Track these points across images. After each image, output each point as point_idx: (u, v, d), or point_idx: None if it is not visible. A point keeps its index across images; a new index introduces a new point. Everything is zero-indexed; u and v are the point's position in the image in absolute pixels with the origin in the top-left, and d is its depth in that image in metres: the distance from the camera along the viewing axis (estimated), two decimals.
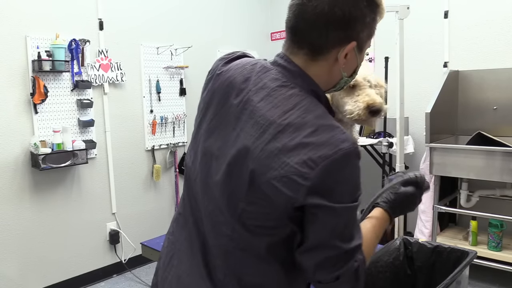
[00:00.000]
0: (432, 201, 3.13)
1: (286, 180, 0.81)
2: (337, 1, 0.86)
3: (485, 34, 3.27)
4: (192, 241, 0.97)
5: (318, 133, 0.82)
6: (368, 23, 0.92)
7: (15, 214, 2.89)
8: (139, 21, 3.48)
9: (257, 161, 0.83)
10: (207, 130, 0.96)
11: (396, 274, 1.44)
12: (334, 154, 0.80)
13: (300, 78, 0.91)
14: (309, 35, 0.90)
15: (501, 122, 3.20)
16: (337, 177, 0.81)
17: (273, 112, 0.86)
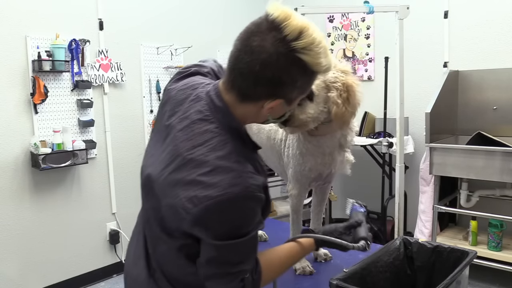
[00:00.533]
0: (432, 201, 3.13)
1: (174, 210, 0.92)
2: (269, 64, 0.90)
3: (485, 34, 3.27)
4: (139, 233, 1.13)
5: (212, 174, 0.89)
6: (299, 86, 0.96)
7: (15, 214, 2.89)
8: (139, 21, 3.48)
9: (160, 186, 0.97)
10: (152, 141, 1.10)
11: (396, 274, 1.44)
12: (218, 197, 0.87)
13: (221, 114, 0.97)
14: (239, 82, 0.95)
15: (501, 122, 3.20)
16: (217, 218, 0.89)
17: (185, 144, 0.94)
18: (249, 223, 0.93)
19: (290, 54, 0.90)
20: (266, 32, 0.91)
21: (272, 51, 0.89)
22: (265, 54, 0.90)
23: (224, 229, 0.90)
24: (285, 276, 1.63)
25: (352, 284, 1.20)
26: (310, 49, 0.90)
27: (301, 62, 0.91)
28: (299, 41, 0.89)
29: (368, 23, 3.92)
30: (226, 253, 0.92)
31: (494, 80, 3.22)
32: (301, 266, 1.65)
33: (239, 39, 0.95)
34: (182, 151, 0.94)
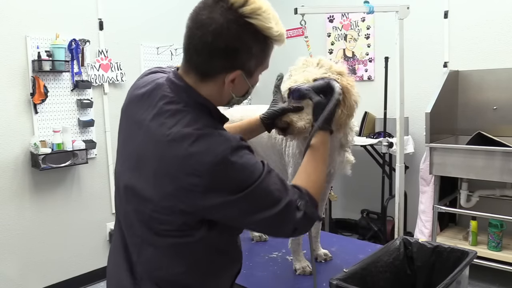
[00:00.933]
0: (432, 201, 3.13)
1: (180, 193, 0.92)
2: (220, 33, 0.92)
3: (485, 34, 3.27)
4: (119, 239, 1.10)
5: (198, 143, 0.91)
6: (255, 53, 0.96)
7: (15, 214, 2.89)
8: (139, 21, 3.48)
9: (156, 177, 0.94)
10: (120, 142, 1.10)
11: (396, 274, 1.44)
12: (215, 158, 0.89)
13: (185, 93, 0.98)
14: (195, 60, 0.97)
15: (501, 122, 3.20)
16: (225, 176, 0.91)
17: (160, 130, 0.95)
18: (254, 166, 0.94)
19: (239, 20, 0.92)
20: (213, 4, 0.93)
21: (221, 20, 0.92)
22: (215, 24, 0.92)
23: (238, 180, 0.92)
24: (285, 276, 1.64)
25: (352, 284, 1.20)
26: (258, 13, 0.93)
27: (252, 27, 0.93)
28: (246, 6, 0.92)
29: (368, 23, 3.92)
30: (257, 198, 0.94)
31: (494, 80, 3.22)
32: (301, 266, 1.65)
33: (189, 18, 0.98)
34: (160, 137, 0.94)
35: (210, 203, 0.92)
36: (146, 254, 1.02)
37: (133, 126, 1.03)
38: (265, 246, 1.97)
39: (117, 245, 1.11)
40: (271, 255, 1.85)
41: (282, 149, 1.65)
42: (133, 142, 1.02)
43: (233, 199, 0.92)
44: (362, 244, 2.07)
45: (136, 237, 1.03)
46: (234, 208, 0.93)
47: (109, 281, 1.15)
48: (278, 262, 1.79)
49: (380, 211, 3.66)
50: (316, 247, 1.79)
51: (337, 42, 4.14)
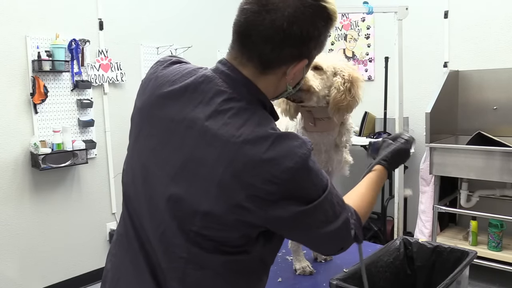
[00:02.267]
0: (432, 201, 3.13)
1: (254, 200, 0.80)
2: (296, 18, 0.83)
3: (485, 34, 3.27)
4: (139, 264, 0.92)
5: (274, 146, 0.80)
6: (321, 40, 0.91)
7: (15, 214, 2.89)
8: (139, 21, 3.48)
9: (221, 185, 0.81)
10: (146, 146, 0.91)
11: (396, 274, 1.44)
12: (296, 164, 0.80)
13: (245, 88, 0.88)
14: (261, 49, 0.86)
15: (501, 122, 3.20)
16: (302, 183, 0.82)
17: (226, 130, 0.82)
18: (323, 173, 0.87)
19: (315, 3, 0.85)
20: None
21: (298, 4, 0.83)
22: (291, 8, 0.83)
23: (313, 189, 0.84)
24: (285, 276, 1.64)
25: (352, 284, 1.20)
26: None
27: (325, 11, 0.88)
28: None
29: (368, 23, 3.92)
30: (323, 211, 0.85)
31: (494, 80, 3.22)
32: (301, 266, 1.65)
33: (251, 1, 0.86)
34: (228, 137, 0.81)
35: (280, 214, 0.82)
36: (193, 277, 0.87)
37: (174, 127, 0.87)
38: None
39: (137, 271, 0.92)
40: None
41: None
42: (175, 146, 0.86)
43: (304, 210, 0.82)
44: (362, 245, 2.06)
45: (178, 260, 0.86)
46: (302, 219, 0.84)
47: None
48: (278, 262, 1.78)
49: (380, 211, 3.66)
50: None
51: (337, 42, 4.14)
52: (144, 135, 0.93)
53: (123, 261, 0.96)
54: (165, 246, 0.87)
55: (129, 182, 0.96)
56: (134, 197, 0.94)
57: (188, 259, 0.86)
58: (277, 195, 0.80)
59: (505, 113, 3.18)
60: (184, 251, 0.85)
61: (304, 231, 0.87)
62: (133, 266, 0.93)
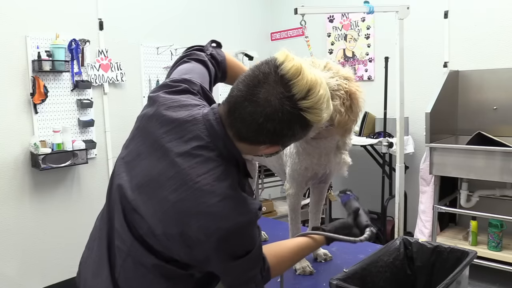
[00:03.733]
0: (432, 201, 3.13)
1: (183, 238, 0.93)
2: (273, 118, 0.90)
3: (485, 34, 3.27)
4: (105, 235, 1.07)
5: (221, 205, 0.91)
6: (298, 138, 0.99)
7: (15, 214, 2.88)
8: (139, 21, 3.48)
9: (166, 213, 0.94)
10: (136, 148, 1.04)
11: (396, 274, 1.44)
12: (230, 228, 0.91)
13: (222, 143, 0.96)
14: (239, 126, 0.95)
15: (501, 122, 3.20)
16: (229, 245, 0.93)
17: (188, 172, 0.93)
18: (256, 239, 0.99)
19: (295, 112, 0.91)
20: (274, 85, 0.90)
21: (278, 107, 0.90)
22: (270, 108, 0.90)
23: (236, 251, 0.95)
24: (285, 276, 1.63)
25: (352, 284, 1.20)
26: (315, 107, 0.92)
27: (305, 120, 0.93)
28: (306, 100, 0.90)
29: (368, 23, 3.92)
30: (240, 268, 0.98)
31: (494, 80, 3.22)
32: (301, 266, 1.65)
33: (244, 83, 0.93)
34: (187, 179, 0.92)
35: (205, 259, 0.95)
36: (129, 264, 1.01)
37: (156, 147, 0.99)
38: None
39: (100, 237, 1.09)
40: None
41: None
42: (151, 162, 0.99)
43: (228, 264, 0.96)
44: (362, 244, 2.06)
45: (123, 247, 1.02)
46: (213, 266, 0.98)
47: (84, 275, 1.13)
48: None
49: (380, 211, 3.66)
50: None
51: (337, 42, 4.14)
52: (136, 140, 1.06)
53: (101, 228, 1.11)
54: (119, 231, 1.02)
55: (115, 165, 1.10)
56: (113, 177, 1.08)
57: (130, 249, 1.00)
58: (205, 244, 0.91)
59: (505, 113, 3.18)
60: (128, 242, 1.00)
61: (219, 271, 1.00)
62: (98, 242, 1.10)
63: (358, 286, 1.21)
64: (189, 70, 1.15)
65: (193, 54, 1.23)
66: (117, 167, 1.07)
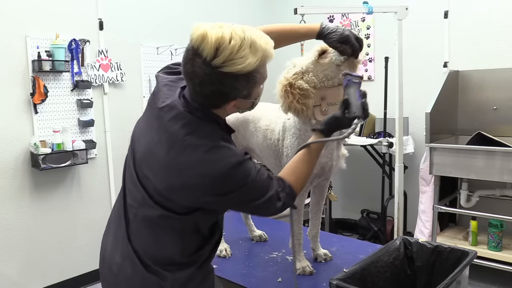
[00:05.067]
0: (432, 201, 3.13)
1: (185, 188, 1.07)
2: (204, 83, 1.04)
3: (485, 34, 3.27)
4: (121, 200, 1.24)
5: (210, 153, 1.06)
6: (242, 85, 1.06)
7: (15, 214, 2.89)
8: (139, 21, 3.48)
9: (165, 171, 1.09)
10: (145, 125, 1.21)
11: (396, 274, 1.44)
12: (221, 169, 1.05)
13: (200, 111, 1.11)
14: (198, 100, 1.10)
15: (501, 122, 3.20)
16: (225, 184, 1.06)
17: (179, 132, 1.08)
18: (249, 171, 1.10)
19: (215, 71, 1.02)
20: (193, 58, 1.04)
21: (201, 74, 1.03)
22: (197, 78, 1.04)
23: (234, 185, 1.08)
24: (285, 276, 1.64)
25: (352, 284, 1.21)
26: (230, 59, 1.01)
27: (229, 73, 1.02)
28: (218, 58, 1.00)
29: (368, 23, 3.92)
30: (247, 194, 1.11)
31: (494, 80, 3.22)
32: (301, 266, 1.65)
33: (182, 65, 1.09)
34: (177, 139, 1.08)
35: (206, 200, 1.09)
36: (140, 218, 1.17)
37: (155, 118, 1.16)
38: (265, 246, 1.97)
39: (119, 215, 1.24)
40: (271, 255, 1.85)
41: (279, 149, 1.66)
42: (152, 132, 1.15)
43: (227, 198, 1.09)
44: (362, 244, 2.07)
45: (135, 201, 1.18)
46: (227, 203, 1.13)
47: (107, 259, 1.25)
48: (278, 262, 1.79)
49: (380, 211, 3.66)
50: (316, 247, 1.79)
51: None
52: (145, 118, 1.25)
53: (112, 219, 1.29)
54: (132, 191, 1.20)
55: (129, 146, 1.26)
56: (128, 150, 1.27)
57: (140, 203, 1.17)
58: (204, 188, 1.06)
59: (505, 113, 3.18)
60: (139, 197, 1.17)
61: (233, 208, 1.17)
62: (116, 220, 1.25)
63: (358, 286, 1.21)
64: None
65: None
66: (131, 142, 1.25)
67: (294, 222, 1.70)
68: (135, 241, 1.18)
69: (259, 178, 1.12)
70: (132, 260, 1.17)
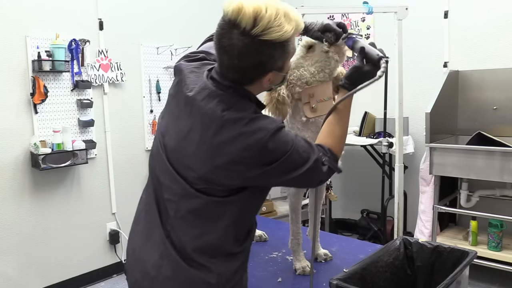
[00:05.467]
0: (432, 201, 3.13)
1: (231, 165, 1.06)
2: (243, 55, 1.05)
3: (485, 34, 3.27)
4: (152, 197, 1.22)
5: (250, 124, 1.06)
6: (278, 56, 1.09)
7: (15, 214, 2.89)
8: (139, 21, 3.48)
9: (207, 152, 1.07)
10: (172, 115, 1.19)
11: (396, 274, 1.44)
12: (265, 136, 1.05)
13: (231, 89, 1.12)
14: (232, 77, 1.11)
15: (501, 122, 3.20)
16: (272, 151, 1.06)
17: (214, 109, 1.08)
18: (289, 138, 1.11)
19: (255, 40, 1.03)
20: (229, 31, 1.05)
21: (240, 45, 1.04)
22: (236, 49, 1.04)
23: (279, 152, 1.08)
24: (285, 276, 1.64)
25: (352, 284, 1.21)
26: (269, 27, 1.03)
27: (268, 42, 1.04)
28: (257, 27, 1.02)
29: (368, 23, 3.92)
30: (291, 162, 1.09)
31: (494, 80, 3.22)
32: (301, 266, 1.65)
33: (215, 43, 1.10)
34: (215, 117, 1.07)
35: (254, 173, 1.07)
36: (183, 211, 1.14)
37: (185, 104, 1.15)
38: (265, 246, 1.97)
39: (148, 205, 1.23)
40: (271, 255, 1.85)
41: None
42: (184, 118, 1.14)
43: (273, 167, 1.07)
44: (362, 244, 2.07)
45: (175, 195, 1.15)
46: (273, 173, 1.09)
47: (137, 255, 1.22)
48: (278, 262, 1.79)
49: (380, 211, 3.66)
50: (316, 247, 1.79)
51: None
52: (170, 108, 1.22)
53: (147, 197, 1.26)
54: (169, 185, 1.17)
55: (155, 136, 1.26)
56: (154, 145, 1.25)
57: (182, 195, 1.14)
58: (250, 159, 1.05)
59: (505, 113, 3.18)
60: (179, 190, 1.14)
61: (280, 179, 1.12)
62: (150, 203, 1.23)
63: (358, 286, 1.21)
64: (209, 46, 1.35)
65: None
66: (157, 137, 1.23)
67: (292, 221, 1.70)
68: (176, 238, 1.14)
69: (299, 143, 1.12)
70: (173, 258, 1.13)
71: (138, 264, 1.20)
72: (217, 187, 1.10)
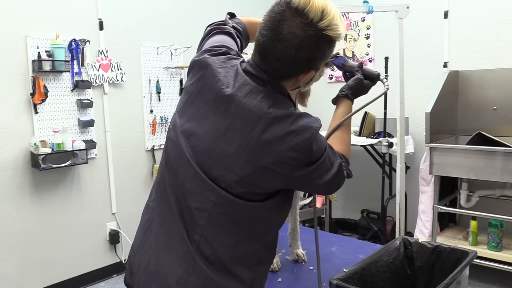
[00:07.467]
0: (432, 201, 3.13)
1: (279, 165, 1.01)
2: (302, 46, 1.01)
3: (485, 34, 3.27)
4: (171, 207, 1.11)
5: (297, 122, 1.02)
6: (328, 54, 1.09)
7: (15, 214, 2.89)
8: (139, 21, 3.48)
9: (251, 152, 1.01)
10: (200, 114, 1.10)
11: (396, 274, 1.44)
12: (313, 135, 1.02)
13: (269, 84, 1.08)
14: (276, 67, 1.06)
15: (501, 122, 3.20)
16: (316, 150, 1.04)
17: (259, 107, 1.03)
18: (324, 139, 1.10)
19: (318, 33, 1.02)
20: (292, 19, 1.01)
21: (303, 35, 1.00)
22: (297, 39, 1.00)
23: (320, 152, 1.06)
24: (285, 276, 1.64)
25: (352, 284, 1.21)
26: (333, 23, 1.03)
27: (328, 38, 1.04)
28: (324, 20, 1.01)
29: (368, 23, 3.92)
30: (325, 163, 1.08)
31: (494, 80, 3.22)
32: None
33: (266, 28, 1.04)
34: (261, 113, 1.02)
35: (299, 174, 1.04)
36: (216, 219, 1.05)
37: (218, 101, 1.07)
38: None
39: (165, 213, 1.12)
40: None
41: None
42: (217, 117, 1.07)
43: (314, 168, 1.05)
44: (362, 244, 2.07)
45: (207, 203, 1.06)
46: (313, 175, 1.06)
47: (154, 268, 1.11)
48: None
49: (380, 211, 3.66)
50: (295, 246, 1.78)
51: (337, 42, 4.14)
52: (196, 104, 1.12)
53: (160, 204, 1.15)
54: (198, 193, 1.07)
55: (173, 139, 1.14)
56: (173, 148, 1.13)
57: (215, 203, 1.05)
58: (298, 160, 1.02)
59: (505, 113, 3.18)
60: (213, 197, 1.05)
61: (313, 183, 1.09)
62: (167, 209, 1.13)
63: (358, 286, 1.21)
64: (221, 41, 1.24)
65: (219, 28, 1.33)
66: (177, 139, 1.11)
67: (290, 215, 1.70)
68: (208, 249, 1.05)
69: (329, 146, 1.12)
70: (203, 273, 1.05)
71: (156, 279, 1.09)
72: (256, 190, 1.04)
